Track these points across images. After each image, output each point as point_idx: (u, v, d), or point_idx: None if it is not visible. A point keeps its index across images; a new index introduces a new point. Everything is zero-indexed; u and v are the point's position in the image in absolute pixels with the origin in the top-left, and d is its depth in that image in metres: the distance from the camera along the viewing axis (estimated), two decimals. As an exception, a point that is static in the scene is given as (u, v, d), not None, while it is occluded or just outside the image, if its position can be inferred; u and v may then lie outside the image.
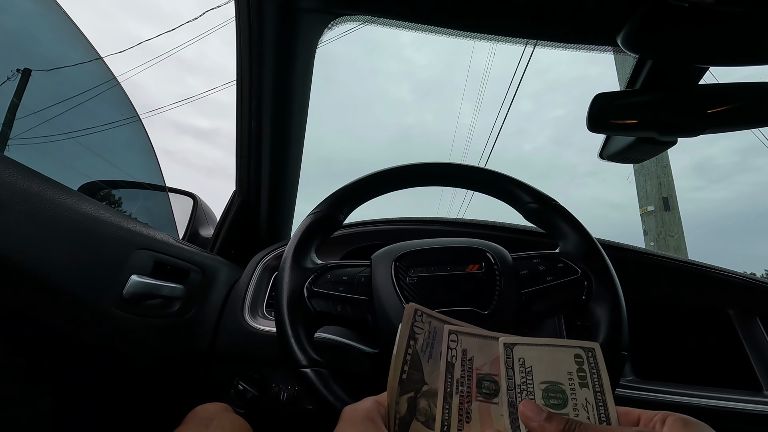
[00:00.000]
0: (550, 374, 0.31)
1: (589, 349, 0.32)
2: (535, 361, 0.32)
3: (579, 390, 0.30)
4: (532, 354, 0.32)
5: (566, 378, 0.31)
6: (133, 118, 0.97)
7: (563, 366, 0.31)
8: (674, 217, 3.88)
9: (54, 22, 0.86)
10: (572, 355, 0.32)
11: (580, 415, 0.29)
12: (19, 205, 0.45)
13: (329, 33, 0.81)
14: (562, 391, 0.30)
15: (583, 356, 0.32)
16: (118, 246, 0.59)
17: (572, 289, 0.53)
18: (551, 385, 0.31)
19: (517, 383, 0.31)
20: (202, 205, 1.05)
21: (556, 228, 0.60)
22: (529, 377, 0.31)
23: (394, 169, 0.64)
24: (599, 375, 0.31)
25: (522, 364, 0.32)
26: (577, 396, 0.30)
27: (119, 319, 0.58)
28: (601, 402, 0.30)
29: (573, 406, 0.30)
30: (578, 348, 0.32)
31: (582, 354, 0.32)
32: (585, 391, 0.30)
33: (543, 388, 0.31)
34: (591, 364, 0.31)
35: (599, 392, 0.30)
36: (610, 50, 0.83)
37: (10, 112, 0.78)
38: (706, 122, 0.72)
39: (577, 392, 0.30)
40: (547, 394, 0.30)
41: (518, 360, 0.32)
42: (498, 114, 6.28)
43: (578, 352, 0.32)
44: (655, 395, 0.69)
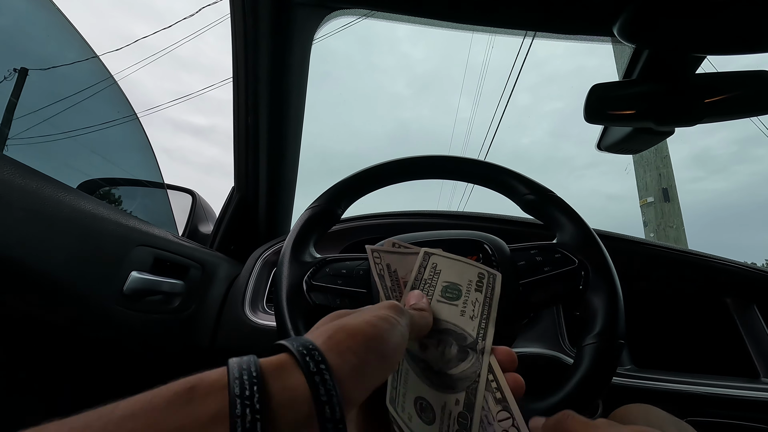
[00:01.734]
0: (453, 277, 0.37)
1: (492, 274, 0.38)
2: (445, 267, 0.38)
3: (473, 292, 0.36)
4: (444, 263, 0.38)
5: (466, 282, 0.37)
6: (131, 117, 0.97)
7: (467, 275, 0.37)
8: (674, 208, 3.88)
9: (49, 20, 0.86)
10: (477, 273, 0.38)
11: (467, 309, 0.35)
12: (18, 203, 0.45)
13: (325, 28, 0.81)
14: (458, 290, 0.36)
15: (486, 276, 0.38)
16: (117, 243, 0.59)
17: (569, 279, 0.53)
18: (451, 285, 0.36)
19: (424, 278, 0.37)
20: (201, 201, 1.05)
21: (553, 219, 0.60)
22: (436, 276, 0.37)
23: (391, 163, 0.64)
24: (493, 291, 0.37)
25: (434, 267, 0.37)
26: (470, 296, 0.36)
27: (120, 315, 0.59)
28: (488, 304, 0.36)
29: (464, 301, 0.35)
30: (484, 270, 0.38)
31: (485, 274, 0.38)
32: (477, 294, 0.36)
33: (444, 285, 0.36)
34: (489, 283, 0.37)
35: (489, 298, 0.36)
36: (609, 41, 0.83)
37: (8, 112, 0.78)
38: (704, 111, 0.72)
39: (471, 294, 0.36)
40: (446, 289, 0.36)
41: (432, 264, 0.38)
42: (497, 107, 6.27)
43: (482, 272, 0.38)
44: (653, 383, 0.70)
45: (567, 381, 0.46)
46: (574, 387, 0.45)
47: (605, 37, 0.80)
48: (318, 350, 0.21)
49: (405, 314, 0.28)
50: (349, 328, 0.23)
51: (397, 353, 0.25)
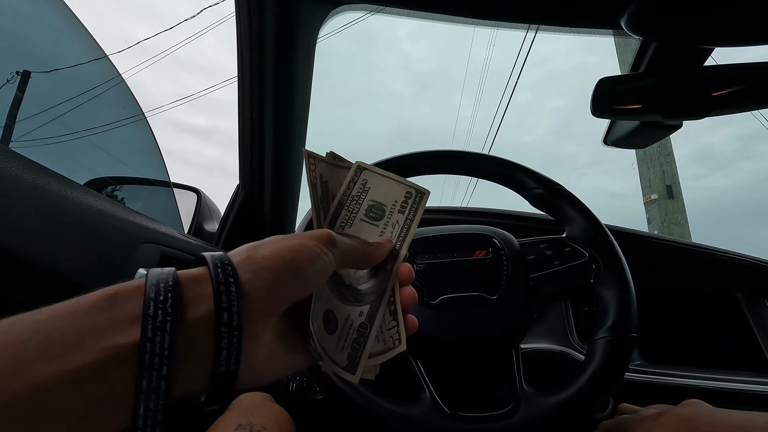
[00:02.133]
0: (380, 196, 0.38)
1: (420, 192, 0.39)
2: (374, 184, 0.39)
3: (396, 214, 0.38)
4: (374, 179, 0.39)
5: (391, 202, 0.38)
6: (139, 116, 0.97)
7: (393, 195, 0.38)
8: (678, 204, 3.86)
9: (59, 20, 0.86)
10: (404, 192, 0.39)
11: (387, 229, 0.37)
12: (26, 198, 0.45)
13: (329, 25, 0.81)
14: (382, 210, 0.38)
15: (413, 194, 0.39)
16: (124, 239, 0.59)
17: (580, 273, 0.52)
18: (376, 204, 0.38)
19: (353, 194, 0.38)
20: (206, 200, 1.05)
21: (562, 213, 0.59)
22: (363, 194, 0.38)
23: (397, 158, 0.64)
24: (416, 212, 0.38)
25: (363, 184, 0.38)
26: (392, 217, 0.38)
27: None
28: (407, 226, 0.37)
29: (385, 222, 0.37)
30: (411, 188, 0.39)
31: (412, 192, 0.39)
32: (399, 215, 0.38)
33: (370, 204, 0.38)
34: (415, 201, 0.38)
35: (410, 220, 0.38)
36: (610, 34, 0.82)
37: (13, 106, 0.78)
38: (712, 104, 0.71)
39: (394, 215, 0.38)
40: (371, 208, 0.38)
41: (362, 180, 0.39)
42: (498, 106, 6.25)
43: (410, 191, 0.39)
44: (664, 379, 0.69)
45: (579, 375, 0.46)
46: (587, 381, 0.45)
47: (610, 30, 0.79)
48: (231, 265, 0.23)
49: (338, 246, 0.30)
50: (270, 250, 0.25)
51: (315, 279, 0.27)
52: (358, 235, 0.36)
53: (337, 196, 0.38)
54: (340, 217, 0.37)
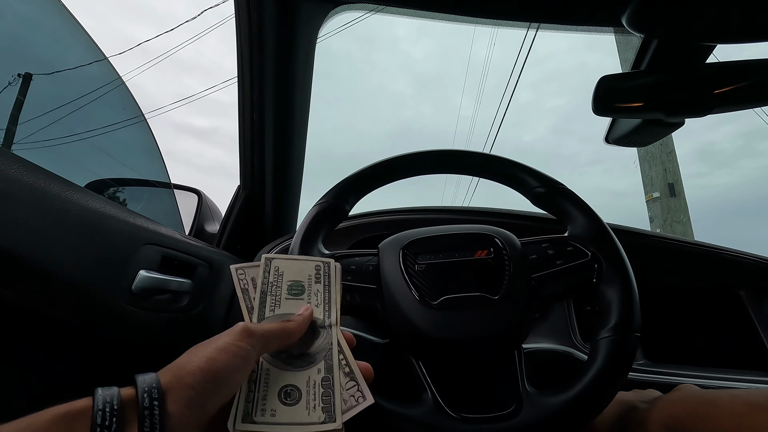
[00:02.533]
0: (295, 275, 0.42)
1: (326, 262, 0.44)
2: (286, 268, 0.43)
3: (314, 284, 0.42)
4: (285, 264, 0.43)
5: (306, 277, 0.43)
6: (138, 118, 0.97)
7: (306, 271, 0.43)
8: (680, 203, 3.85)
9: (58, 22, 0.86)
10: (313, 266, 0.44)
11: (311, 299, 0.41)
12: (26, 200, 0.45)
13: (329, 24, 0.81)
14: (301, 285, 0.42)
15: (321, 266, 0.44)
16: (125, 241, 0.59)
17: (582, 272, 0.52)
18: (294, 282, 0.42)
19: (270, 281, 0.41)
20: (206, 201, 1.05)
21: (564, 212, 0.59)
22: (280, 278, 0.42)
23: (398, 158, 0.64)
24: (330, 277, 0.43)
25: (276, 270, 0.42)
26: (312, 288, 0.42)
27: (129, 313, 0.59)
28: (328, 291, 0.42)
29: (308, 294, 0.41)
30: (318, 261, 0.44)
31: (321, 265, 0.44)
32: (318, 285, 0.42)
33: (288, 284, 0.42)
34: (326, 270, 0.44)
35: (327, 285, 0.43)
36: (611, 32, 0.82)
37: (15, 109, 0.78)
38: (714, 102, 0.71)
39: (312, 286, 0.42)
40: (291, 287, 0.41)
41: (275, 268, 0.42)
42: (499, 105, 6.25)
43: (318, 264, 0.44)
44: (667, 378, 0.69)
45: (582, 375, 0.46)
46: (590, 381, 0.45)
47: (612, 28, 0.79)
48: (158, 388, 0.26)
49: (254, 336, 0.32)
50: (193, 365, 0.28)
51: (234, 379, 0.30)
52: (289, 311, 0.40)
53: (257, 287, 0.41)
54: (266, 303, 0.40)
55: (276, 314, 0.39)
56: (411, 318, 0.48)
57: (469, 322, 0.48)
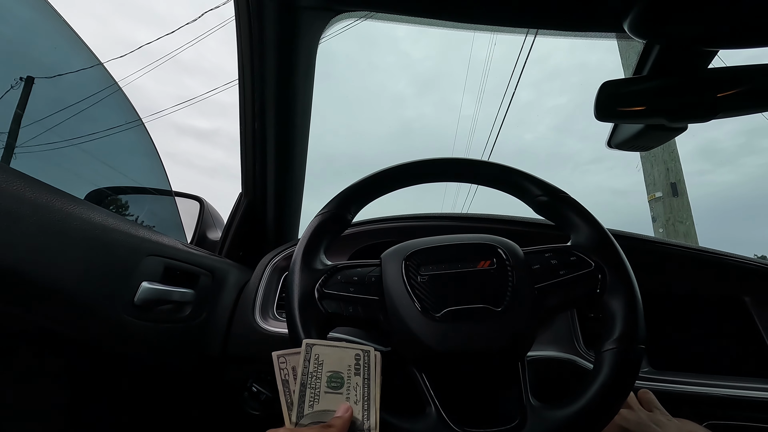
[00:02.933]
0: (334, 365, 0.42)
1: (366, 351, 0.44)
2: (326, 356, 0.43)
3: (353, 377, 0.42)
4: (325, 351, 0.43)
5: (346, 368, 0.42)
6: (136, 122, 0.97)
7: (346, 361, 0.43)
8: (683, 202, 3.83)
9: (52, 29, 0.86)
10: (353, 354, 0.43)
11: (350, 395, 0.41)
12: (29, 217, 0.45)
13: (329, 30, 0.80)
14: (341, 378, 0.42)
15: (361, 355, 0.43)
16: (127, 253, 0.59)
17: (586, 282, 0.52)
18: (334, 374, 0.42)
19: (310, 371, 0.41)
20: (208, 208, 1.05)
21: (567, 220, 0.59)
22: (320, 368, 0.42)
23: (399, 167, 0.64)
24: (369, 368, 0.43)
25: (317, 359, 0.42)
26: (351, 381, 0.42)
27: (132, 326, 0.59)
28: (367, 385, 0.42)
29: (347, 387, 0.41)
30: (358, 350, 0.44)
31: (360, 354, 0.44)
32: (357, 378, 0.42)
33: (328, 375, 0.42)
34: (365, 360, 0.43)
35: (367, 379, 0.42)
36: (613, 37, 0.81)
37: (14, 124, 0.78)
38: (717, 107, 0.70)
39: (352, 378, 0.42)
40: (330, 379, 0.41)
41: (315, 355, 0.43)
42: (500, 105, 6.23)
43: (358, 353, 0.44)
44: (672, 386, 0.68)
45: (587, 388, 0.45)
46: (596, 394, 0.44)
47: (613, 33, 0.79)
48: None
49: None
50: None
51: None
52: (327, 408, 0.40)
53: (297, 377, 0.41)
54: (306, 397, 0.40)
55: (315, 411, 0.39)
56: (414, 330, 0.48)
57: (472, 334, 0.48)
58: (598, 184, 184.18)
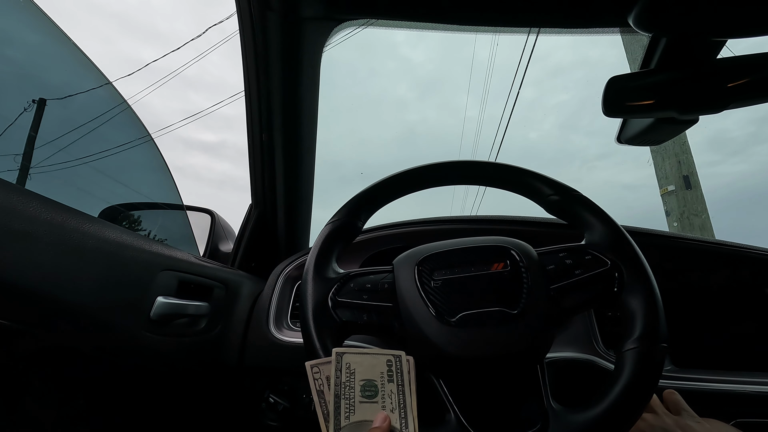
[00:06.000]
0: (367, 373, 0.41)
1: (397, 356, 0.43)
2: (357, 364, 0.42)
3: (387, 384, 0.41)
4: (356, 360, 0.42)
5: (378, 375, 0.41)
6: (146, 138, 0.98)
7: (378, 368, 0.42)
8: (697, 195, 3.75)
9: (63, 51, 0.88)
10: (385, 360, 0.42)
11: (386, 403, 0.40)
12: (45, 237, 0.46)
13: (332, 39, 0.81)
14: (375, 386, 0.41)
15: (392, 361, 0.42)
16: (142, 269, 0.60)
17: (602, 281, 0.51)
18: (367, 382, 0.41)
19: (343, 381, 0.41)
20: (219, 220, 1.06)
21: (580, 219, 0.58)
22: (352, 377, 0.41)
23: (407, 172, 0.63)
24: (402, 373, 0.42)
25: (348, 368, 0.41)
26: (385, 388, 0.41)
27: (149, 341, 0.59)
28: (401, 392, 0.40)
29: (382, 396, 0.40)
30: (389, 355, 0.43)
31: (392, 359, 0.42)
32: (391, 385, 0.41)
33: (361, 384, 0.41)
34: (397, 366, 0.42)
35: (401, 385, 0.41)
36: (618, 32, 0.80)
37: (28, 146, 0.80)
38: (728, 97, 0.69)
39: (386, 386, 0.41)
40: (364, 388, 0.40)
41: (345, 364, 0.42)
42: (505, 106, 6.21)
43: (389, 359, 0.42)
44: (697, 384, 0.67)
45: (609, 389, 0.44)
46: (618, 396, 0.43)
47: (618, 28, 0.78)
48: None
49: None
50: None
51: None
52: (363, 418, 0.39)
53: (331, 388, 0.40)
54: (341, 409, 0.39)
55: (351, 422, 0.39)
56: (429, 336, 0.48)
57: (489, 338, 0.47)
58: (607, 179, 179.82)
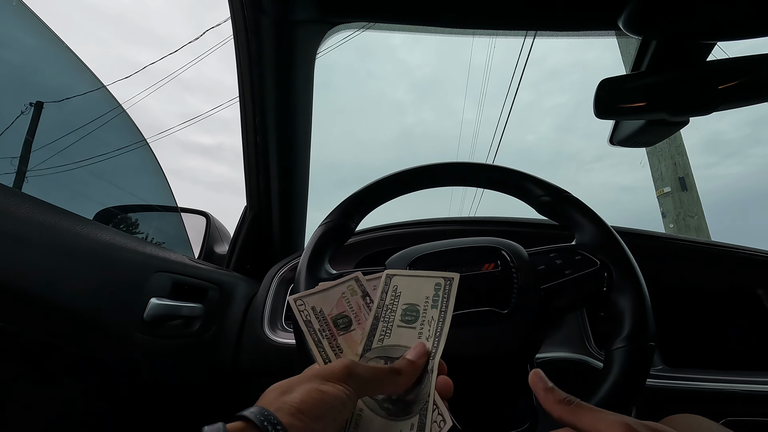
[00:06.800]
0: (411, 297, 0.38)
1: (448, 279, 0.39)
2: (404, 287, 0.39)
3: (429, 310, 0.37)
4: (404, 282, 0.39)
5: (423, 300, 0.38)
6: (141, 143, 0.98)
7: (424, 292, 0.38)
8: (692, 196, 3.77)
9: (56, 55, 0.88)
10: (433, 284, 0.39)
11: (423, 330, 0.36)
12: (38, 238, 0.46)
13: (326, 42, 0.81)
14: (416, 311, 0.38)
15: (442, 284, 0.38)
16: (136, 270, 0.60)
17: (592, 281, 0.51)
18: (410, 306, 0.38)
19: (386, 304, 0.38)
20: (214, 222, 1.06)
21: (570, 220, 0.58)
22: (396, 300, 0.38)
23: (400, 174, 0.64)
24: (448, 299, 0.37)
25: (395, 290, 0.39)
26: (426, 315, 0.37)
27: (142, 342, 0.59)
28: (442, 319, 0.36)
29: (421, 322, 0.37)
30: (440, 278, 0.39)
31: (441, 283, 0.39)
32: (434, 311, 0.37)
33: (403, 308, 0.38)
34: (446, 291, 0.38)
35: (443, 311, 0.37)
36: (610, 35, 0.81)
37: (24, 149, 0.80)
38: (718, 99, 0.70)
39: (428, 312, 0.37)
40: (405, 312, 0.38)
41: (393, 287, 0.39)
42: (502, 109, 6.23)
43: (438, 281, 0.39)
44: (687, 383, 0.67)
45: (598, 388, 0.45)
46: (606, 394, 0.44)
47: (610, 32, 0.79)
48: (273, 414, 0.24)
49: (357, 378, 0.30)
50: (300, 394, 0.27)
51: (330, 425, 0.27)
52: (398, 343, 0.36)
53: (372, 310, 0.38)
54: (377, 331, 0.37)
55: (384, 345, 0.36)
56: None
57: (479, 338, 0.47)
58: (604, 181, 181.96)
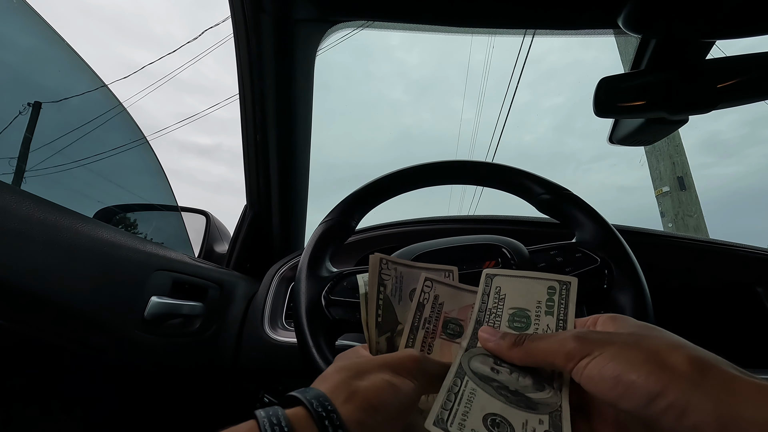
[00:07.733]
0: (519, 301, 0.33)
1: (564, 282, 0.33)
2: (509, 289, 0.34)
3: (543, 317, 0.32)
4: (509, 283, 0.34)
5: (534, 306, 0.33)
6: (141, 141, 0.98)
7: (535, 295, 0.33)
8: (691, 196, 3.78)
9: (58, 54, 0.88)
10: (546, 287, 0.33)
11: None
12: (38, 236, 0.46)
13: (326, 41, 0.81)
14: (527, 317, 0.32)
15: (557, 288, 0.33)
16: (136, 269, 0.60)
17: (592, 278, 0.51)
18: (518, 311, 0.33)
19: (489, 307, 0.33)
20: (214, 221, 1.06)
21: (570, 217, 0.58)
22: (501, 303, 0.33)
23: (400, 172, 0.64)
24: (567, 306, 0.32)
25: (497, 292, 0.34)
26: (540, 322, 0.32)
27: (142, 340, 0.59)
28: (562, 327, 0.31)
29: (534, 330, 0.31)
30: (554, 281, 0.33)
31: (556, 286, 0.33)
32: (549, 318, 0.32)
33: (510, 313, 0.33)
34: (562, 296, 0.33)
35: (562, 320, 0.31)
36: (609, 33, 0.81)
37: (23, 147, 0.80)
38: (717, 97, 0.70)
39: (541, 319, 0.32)
40: (513, 317, 0.32)
41: (495, 288, 0.34)
42: (501, 109, 6.24)
43: (552, 285, 0.33)
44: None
45: None
46: None
47: (609, 30, 0.79)
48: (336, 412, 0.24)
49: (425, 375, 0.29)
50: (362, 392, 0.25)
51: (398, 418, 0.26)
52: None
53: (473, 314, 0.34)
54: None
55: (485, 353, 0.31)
56: None
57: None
58: (602, 181, 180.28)
